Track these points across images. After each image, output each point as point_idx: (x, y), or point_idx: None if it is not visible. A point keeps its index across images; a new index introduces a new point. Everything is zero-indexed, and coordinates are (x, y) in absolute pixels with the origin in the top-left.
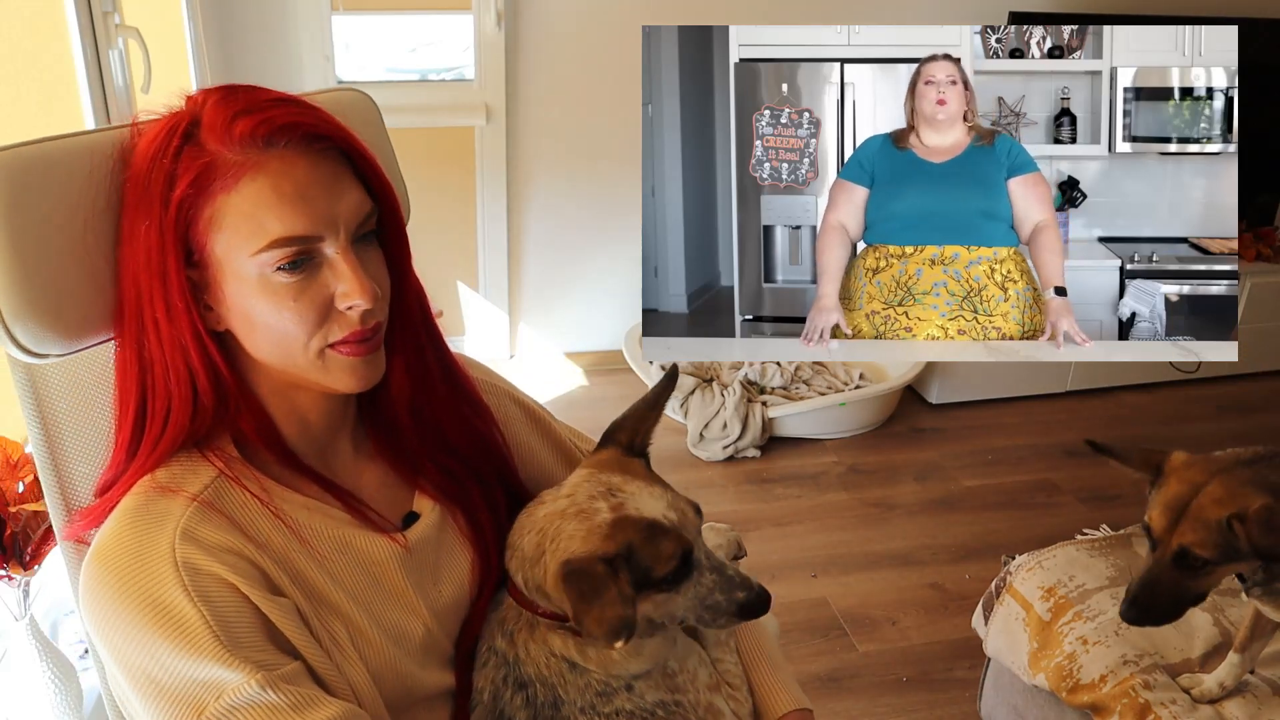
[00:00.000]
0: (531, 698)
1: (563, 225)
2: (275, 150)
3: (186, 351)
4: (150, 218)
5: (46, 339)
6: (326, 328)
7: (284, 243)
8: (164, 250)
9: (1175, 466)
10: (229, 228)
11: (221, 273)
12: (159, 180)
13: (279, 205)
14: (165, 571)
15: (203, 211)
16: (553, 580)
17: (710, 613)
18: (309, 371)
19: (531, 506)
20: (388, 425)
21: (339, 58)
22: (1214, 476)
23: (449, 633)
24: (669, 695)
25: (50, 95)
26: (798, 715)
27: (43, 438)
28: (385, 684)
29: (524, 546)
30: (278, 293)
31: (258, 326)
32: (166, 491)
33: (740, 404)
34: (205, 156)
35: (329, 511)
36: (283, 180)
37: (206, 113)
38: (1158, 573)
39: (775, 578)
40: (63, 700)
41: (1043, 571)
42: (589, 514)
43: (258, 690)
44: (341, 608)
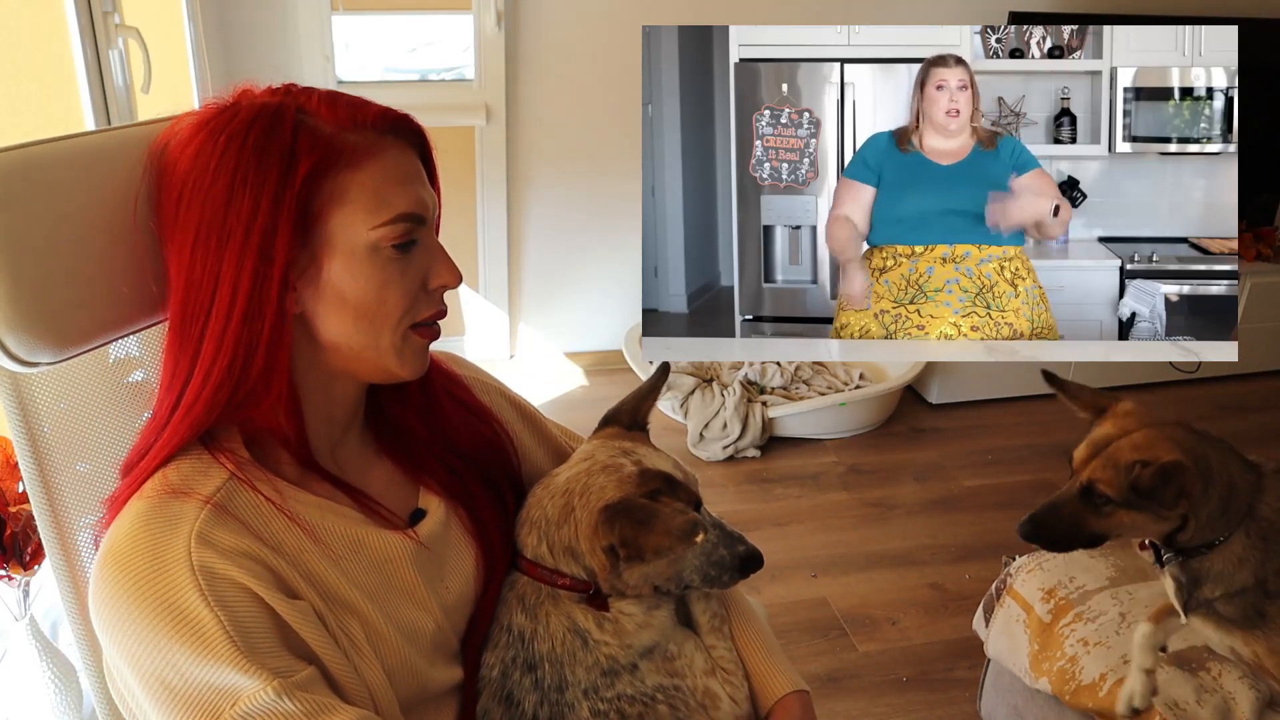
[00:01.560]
0: (540, 680)
1: (563, 225)
2: (389, 137)
3: (258, 330)
4: (261, 195)
5: (38, 347)
6: (417, 306)
7: (405, 218)
8: (275, 224)
9: (1117, 412)
10: (352, 201)
11: (329, 249)
12: (275, 158)
13: (401, 184)
14: (181, 576)
15: (323, 187)
16: (592, 529)
17: (715, 568)
18: (387, 352)
19: (546, 480)
20: (395, 423)
21: (339, 58)
22: (1144, 427)
23: (456, 629)
24: (668, 679)
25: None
26: (795, 697)
27: (29, 448)
28: (400, 682)
29: (546, 511)
30: (387, 268)
31: (352, 304)
32: (179, 494)
33: (740, 404)
34: (327, 137)
35: (340, 510)
36: (401, 163)
37: (313, 103)
38: (1064, 500)
39: (775, 578)
40: (63, 700)
41: (1043, 573)
42: (614, 469)
43: (273, 698)
44: (357, 606)
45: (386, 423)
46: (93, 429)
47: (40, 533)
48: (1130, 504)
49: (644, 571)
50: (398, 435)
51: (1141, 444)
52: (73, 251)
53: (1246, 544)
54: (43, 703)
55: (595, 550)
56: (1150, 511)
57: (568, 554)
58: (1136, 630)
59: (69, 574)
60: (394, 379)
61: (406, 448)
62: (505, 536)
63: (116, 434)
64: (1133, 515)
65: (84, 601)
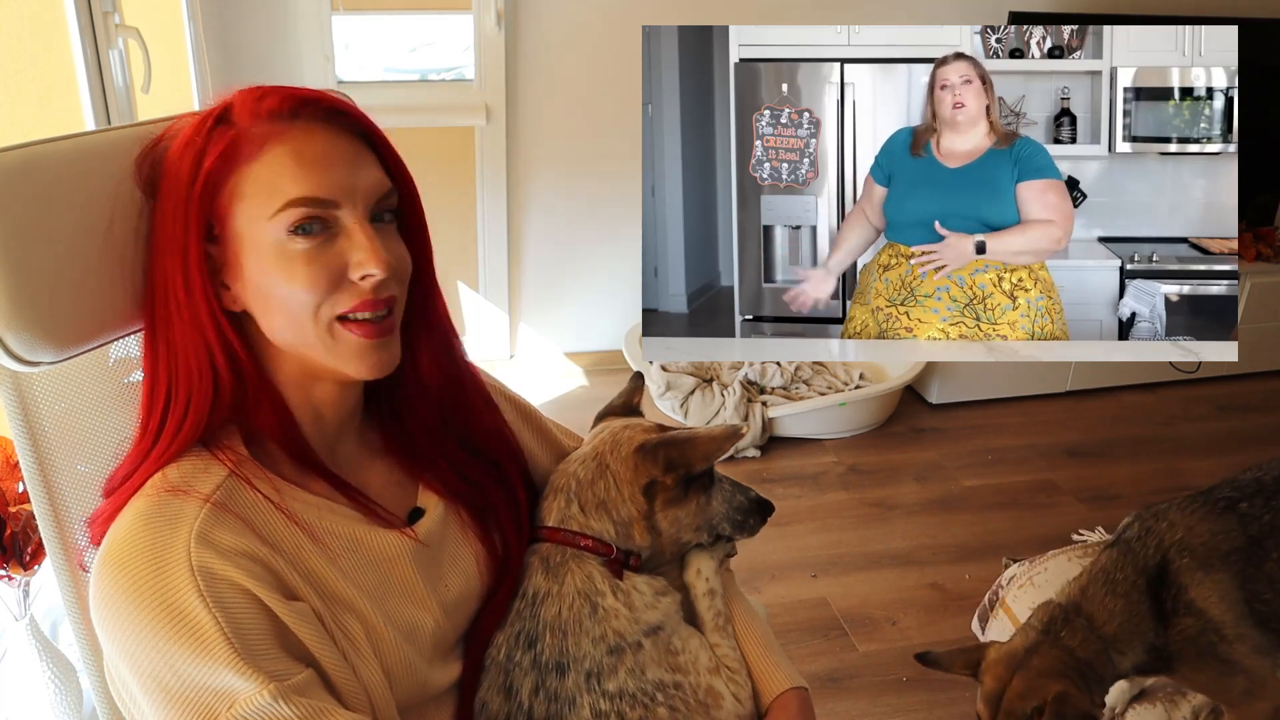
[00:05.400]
0: (538, 656)
1: (563, 225)
2: (299, 121)
3: (204, 330)
4: (177, 196)
5: (39, 347)
6: (336, 296)
7: (299, 203)
8: (186, 225)
9: (988, 664)
10: (250, 195)
11: (241, 246)
12: (189, 159)
13: (297, 169)
14: (180, 576)
15: (226, 183)
16: (632, 469)
17: (740, 513)
18: (319, 349)
19: (569, 457)
20: (399, 421)
21: (339, 58)
22: (1015, 672)
23: (456, 628)
24: (669, 675)
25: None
26: (794, 694)
27: (30, 448)
28: (398, 682)
29: (576, 474)
30: (292, 259)
31: (272, 299)
32: (179, 492)
33: (740, 404)
34: (232, 131)
35: (338, 509)
36: (304, 147)
37: (237, 96)
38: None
39: (775, 578)
40: (63, 700)
41: (1034, 589)
42: (632, 427)
43: (269, 701)
44: (356, 605)
45: (390, 415)
46: (93, 429)
47: (41, 532)
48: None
49: (677, 515)
50: (400, 429)
51: (1024, 691)
52: (72, 251)
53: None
54: (43, 703)
55: (635, 494)
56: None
57: (600, 508)
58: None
59: (69, 574)
60: (349, 378)
61: (409, 444)
62: (518, 533)
63: (117, 434)
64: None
65: (84, 601)
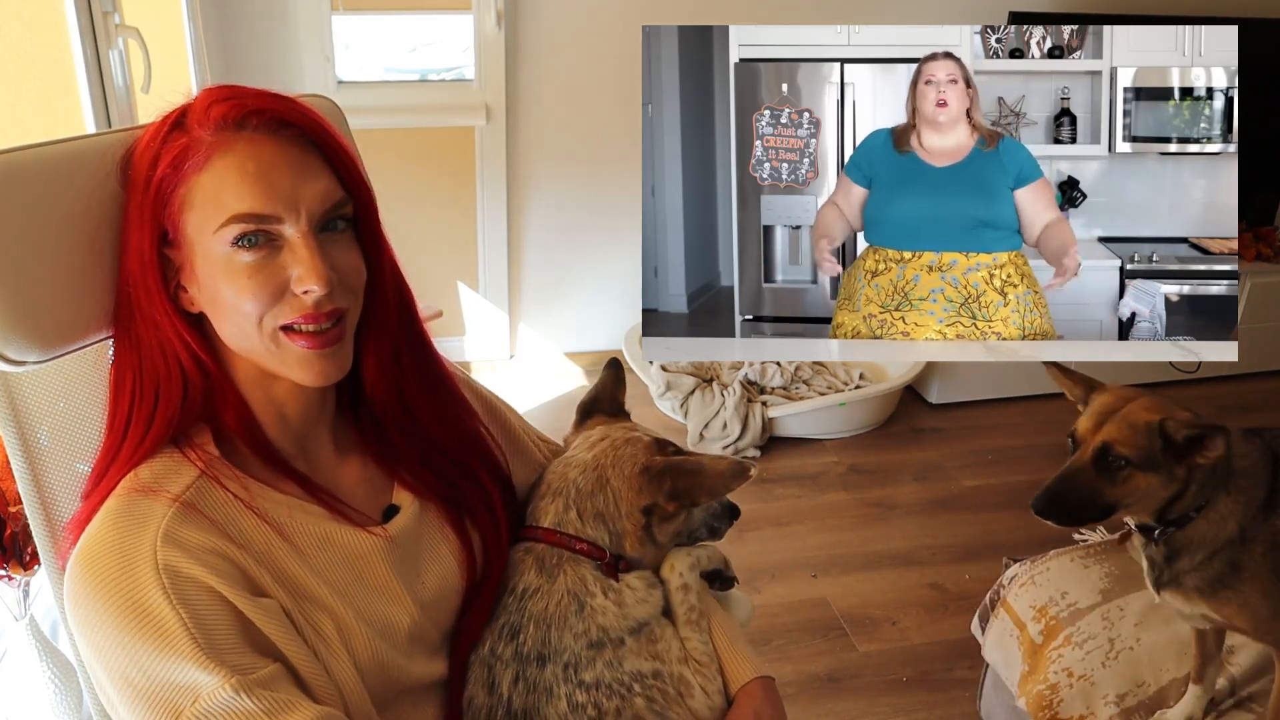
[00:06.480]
0: (520, 647)
1: (563, 225)
2: (245, 132)
3: (165, 332)
4: (135, 199)
5: (25, 346)
6: (278, 308)
7: (241, 219)
8: (142, 228)
9: (1109, 388)
10: (197, 206)
11: (193, 253)
12: (145, 163)
13: (240, 183)
14: (146, 574)
15: (177, 191)
16: (635, 490)
17: (715, 519)
18: (265, 356)
19: (565, 458)
20: (370, 418)
21: (339, 58)
22: (1144, 395)
23: (436, 623)
24: (648, 663)
25: (50, 95)
26: (759, 683)
27: (20, 448)
28: (371, 678)
29: (576, 483)
30: (237, 271)
31: (221, 307)
32: (149, 492)
33: (740, 404)
34: (185, 139)
35: (309, 508)
36: (248, 160)
37: (197, 100)
38: (1077, 469)
39: (775, 578)
40: (63, 700)
41: (1035, 588)
42: (634, 441)
43: (231, 695)
44: (326, 602)
45: (362, 413)
46: (91, 429)
47: (33, 531)
48: (1147, 465)
49: (674, 529)
50: (373, 427)
51: (1152, 406)
52: (59, 253)
53: (1229, 500)
54: (42, 703)
55: (634, 512)
56: (1163, 474)
57: (598, 519)
58: (1188, 695)
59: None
60: (301, 383)
61: (382, 441)
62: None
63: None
64: (1147, 478)
65: None
